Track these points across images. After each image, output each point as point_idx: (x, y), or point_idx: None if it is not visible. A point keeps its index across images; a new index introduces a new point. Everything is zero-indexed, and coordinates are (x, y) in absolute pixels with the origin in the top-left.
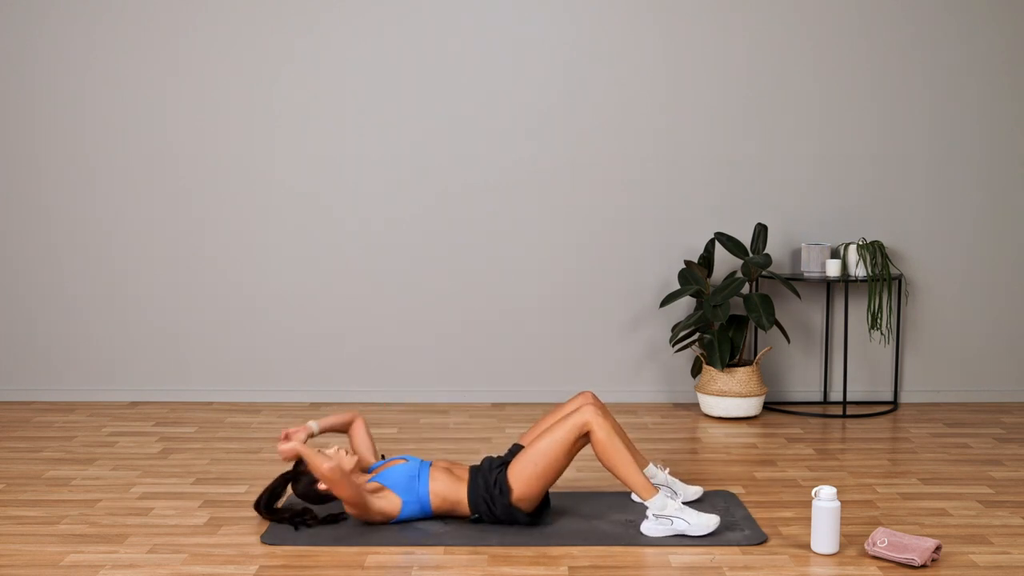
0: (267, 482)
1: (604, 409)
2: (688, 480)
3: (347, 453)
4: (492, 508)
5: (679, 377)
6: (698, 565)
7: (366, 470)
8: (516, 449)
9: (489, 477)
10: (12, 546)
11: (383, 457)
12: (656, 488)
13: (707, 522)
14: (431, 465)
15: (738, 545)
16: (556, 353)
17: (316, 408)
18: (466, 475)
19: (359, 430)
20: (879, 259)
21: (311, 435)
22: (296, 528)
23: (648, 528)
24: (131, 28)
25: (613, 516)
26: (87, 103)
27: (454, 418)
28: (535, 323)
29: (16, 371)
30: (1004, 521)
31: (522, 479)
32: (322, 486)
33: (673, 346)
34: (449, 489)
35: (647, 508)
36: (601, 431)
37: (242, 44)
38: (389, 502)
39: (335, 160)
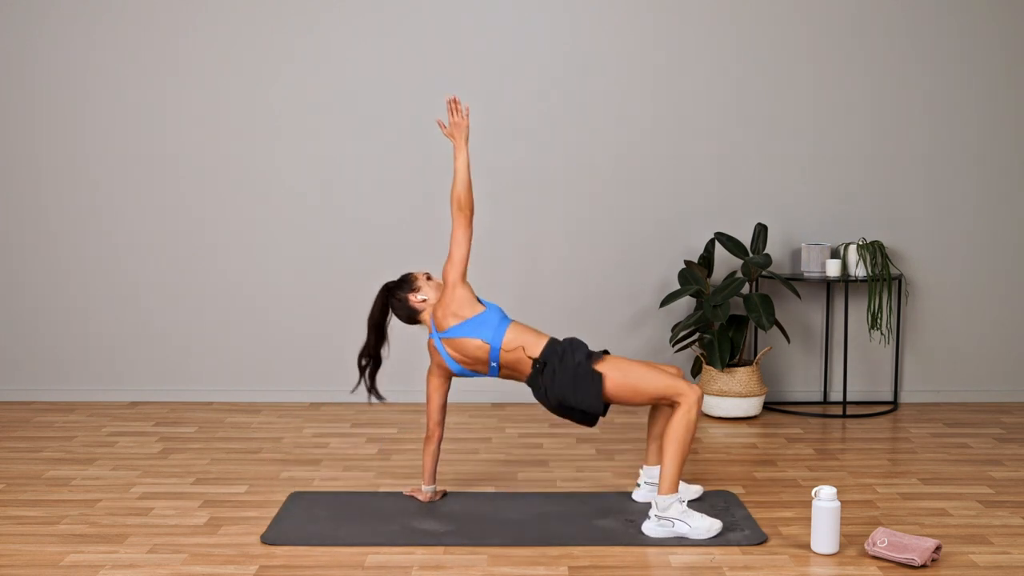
0: (266, 482)
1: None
2: (688, 480)
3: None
4: (559, 373)
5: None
6: (698, 565)
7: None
8: (587, 349)
9: (575, 348)
10: (12, 546)
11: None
12: (677, 490)
13: (709, 526)
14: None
15: (738, 545)
16: None
17: (316, 408)
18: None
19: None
20: (879, 259)
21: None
22: (369, 388)
23: (649, 528)
24: (131, 28)
25: (613, 516)
26: (87, 103)
27: (454, 418)
28: (535, 323)
29: (16, 371)
30: (1004, 521)
31: (609, 374)
32: (419, 297)
33: (673, 346)
34: (530, 343)
35: (651, 507)
36: (690, 413)
37: (242, 45)
38: (472, 311)
39: (335, 160)
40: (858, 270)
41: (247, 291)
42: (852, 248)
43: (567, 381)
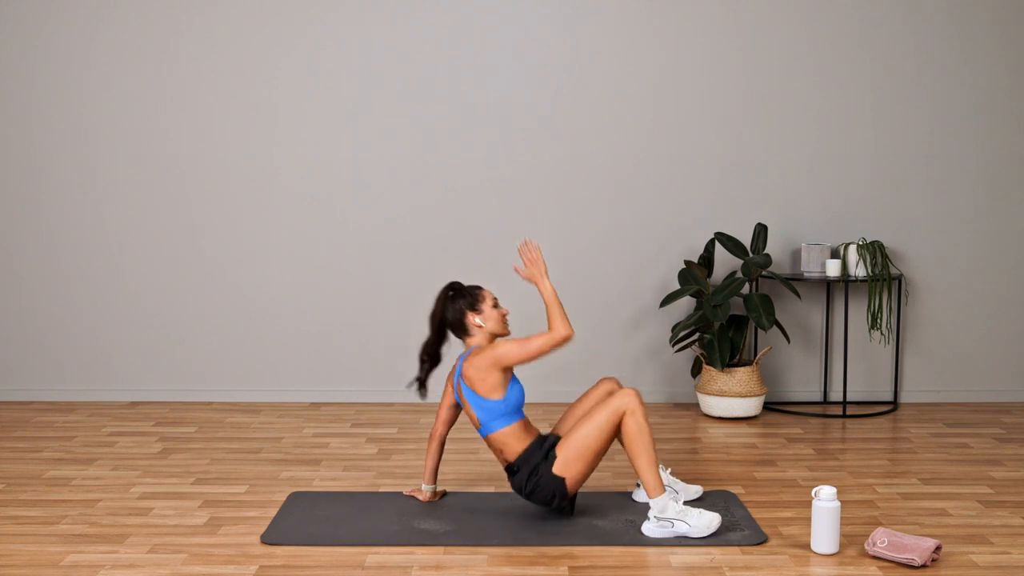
0: (266, 482)
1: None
2: (688, 480)
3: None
4: (534, 477)
5: (679, 377)
6: (698, 565)
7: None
8: (555, 440)
9: (547, 448)
10: (12, 546)
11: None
12: (664, 490)
13: (708, 523)
14: (525, 416)
15: (738, 545)
16: (556, 353)
17: (316, 408)
18: (533, 436)
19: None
20: (879, 259)
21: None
22: (420, 384)
23: (649, 529)
24: (131, 28)
25: (613, 516)
26: (87, 104)
27: None
28: (535, 324)
29: (16, 371)
30: (1004, 521)
31: (565, 460)
32: (477, 321)
33: (673, 346)
34: (516, 442)
35: (649, 509)
36: (636, 417)
37: (242, 44)
38: (502, 380)
39: (335, 160)
40: (858, 270)
41: (247, 291)
42: (852, 248)
43: (531, 492)
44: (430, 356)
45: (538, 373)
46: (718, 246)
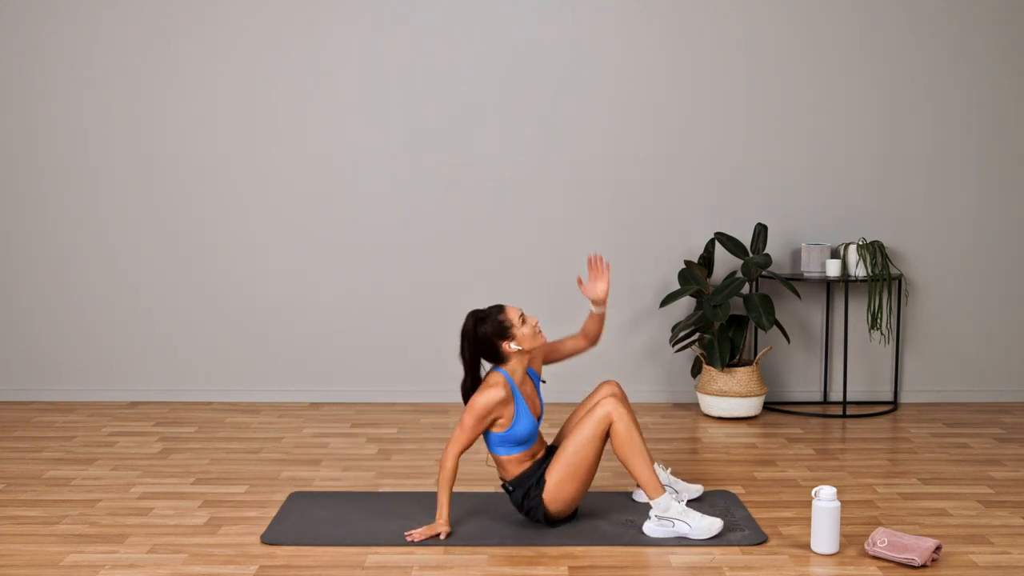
0: (266, 482)
1: (625, 400)
2: (688, 480)
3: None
4: (527, 498)
5: (679, 377)
6: (698, 565)
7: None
8: (554, 450)
9: (540, 471)
10: (12, 546)
11: (543, 381)
12: (664, 488)
13: (709, 525)
14: (536, 440)
15: (738, 545)
16: None
17: (316, 408)
18: (534, 460)
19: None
20: (879, 259)
21: None
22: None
23: (649, 529)
24: (132, 27)
25: (613, 516)
26: (87, 103)
27: (454, 418)
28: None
29: (16, 371)
30: (1004, 521)
31: (556, 483)
32: (513, 346)
33: (673, 346)
34: (518, 466)
35: (650, 508)
36: (621, 422)
37: (243, 44)
38: (506, 418)
39: (335, 160)
40: (858, 270)
41: (247, 291)
42: (852, 248)
43: (527, 512)
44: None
45: None
46: (718, 246)
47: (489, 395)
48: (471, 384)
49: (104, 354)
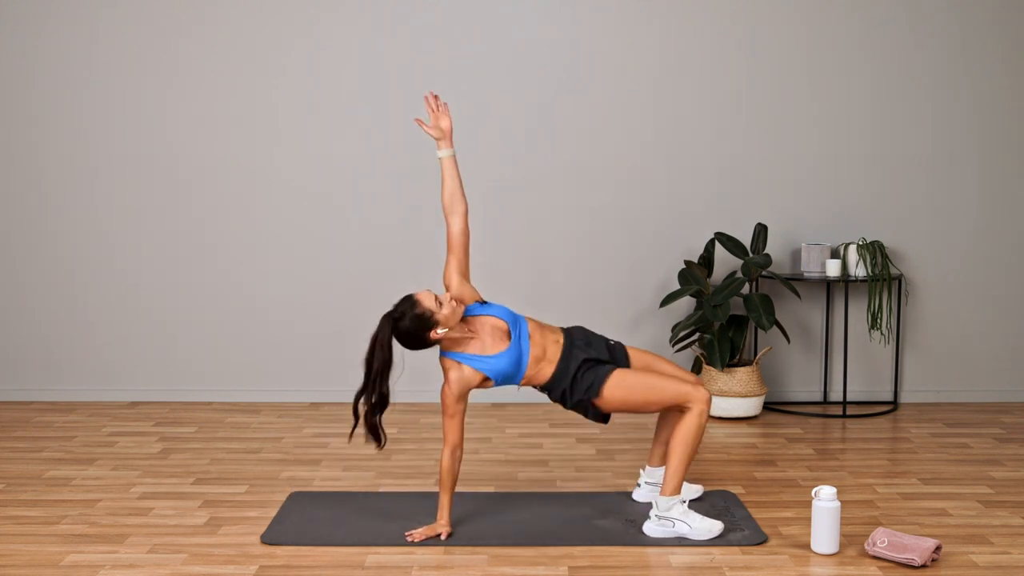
0: (266, 482)
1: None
2: (688, 480)
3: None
4: (569, 396)
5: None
6: (698, 565)
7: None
8: (615, 348)
9: (584, 370)
10: (12, 546)
11: (484, 303)
12: (680, 493)
13: (710, 527)
14: (527, 322)
15: (738, 545)
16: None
17: (316, 408)
18: (557, 354)
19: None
20: (879, 259)
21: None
22: (371, 434)
23: (650, 529)
24: (132, 27)
25: (613, 516)
26: (87, 102)
27: None
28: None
29: (16, 371)
30: (1004, 521)
31: (617, 395)
32: (440, 332)
33: (673, 346)
34: (538, 375)
35: (651, 508)
36: (701, 417)
37: (243, 44)
38: (480, 381)
39: (336, 160)
40: (858, 270)
41: (247, 291)
42: (852, 248)
43: (573, 406)
44: (379, 400)
45: None
46: (718, 246)
47: (446, 386)
48: (368, 393)
49: (104, 354)
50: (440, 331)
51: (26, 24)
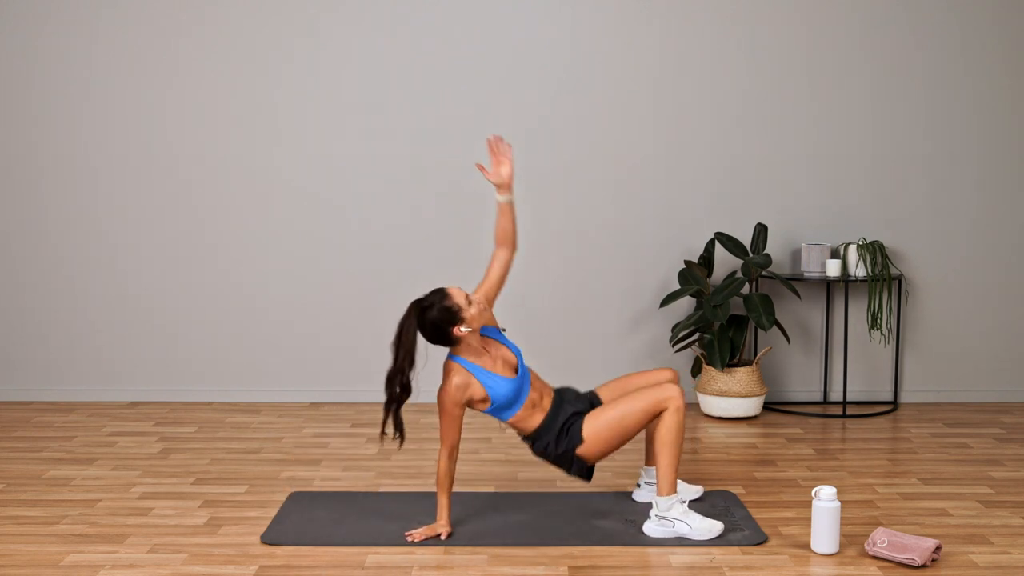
0: (266, 482)
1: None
2: (688, 480)
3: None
4: (554, 448)
5: (679, 377)
6: (698, 565)
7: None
8: (593, 397)
9: (564, 419)
10: (12, 546)
11: (503, 330)
12: (676, 491)
13: (710, 528)
14: (529, 390)
15: (738, 545)
16: (556, 353)
17: (316, 408)
18: (548, 405)
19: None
20: (879, 259)
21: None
22: (393, 425)
23: (650, 529)
24: (132, 27)
25: (613, 516)
26: (87, 102)
27: None
28: (536, 323)
29: (16, 371)
30: (1004, 521)
31: (596, 437)
32: (463, 330)
33: (673, 346)
34: (528, 420)
35: (651, 508)
36: (677, 415)
37: (243, 44)
38: (480, 396)
39: (336, 160)
40: (858, 270)
41: (247, 291)
42: (852, 248)
43: (553, 461)
44: (403, 388)
45: (538, 373)
46: (718, 246)
47: (448, 387)
48: (395, 380)
49: (104, 354)
50: (464, 328)
51: (26, 24)
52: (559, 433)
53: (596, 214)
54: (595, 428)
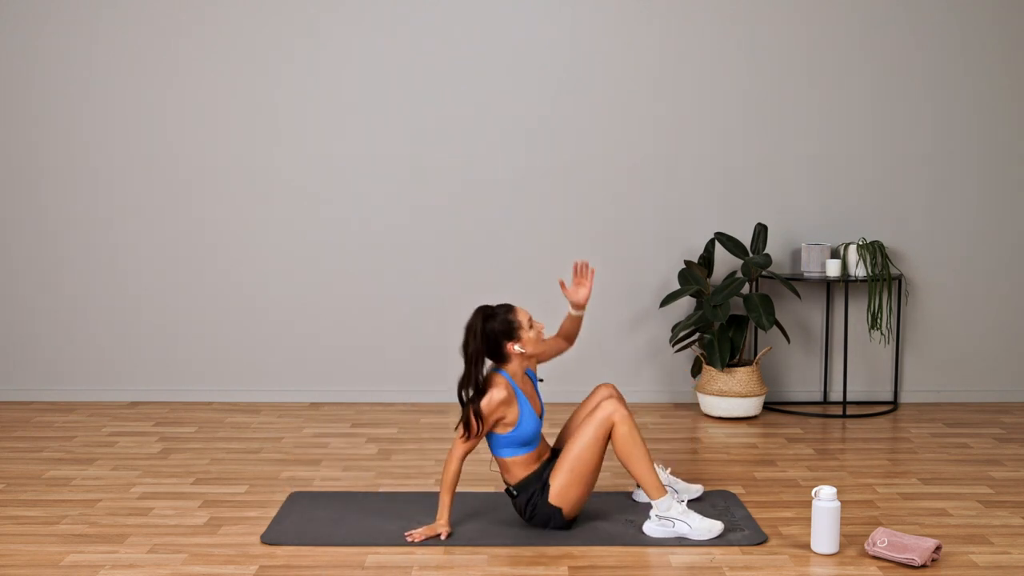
0: (266, 482)
1: (623, 402)
2: (688, 480)
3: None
4: (539, 500)
5: (679, 377)
6: (698, 565)
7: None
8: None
9: (547, 475)
10: (12, 546)
11: (541, 380)
12: (665, 490)
13: (710, 527)
14: (538, 444)
15: (738, 545)
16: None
17: (316, 408)
18: (543, 461)
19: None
20: (879, 259)
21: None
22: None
23: (650, 529)
24: (132, 27)
25: (613, 516)
26: (87, 102)
27: (454, 418)
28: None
29: (16, 371)
30: (1004, 521)
31: (560, 483)
32: (517, 348)
33: (673, 346)
34: (525, 468)
35: (651, 508)
36: (624, 424)
37: (243, 45)
38: (510, 419)
39: (336, 161)
40: (858, 270)
41: (247, 291)
42: (852, 248)
43: (529, 518)
44: (476, 389)
45: (538, 373)
46: (718, 246)
47: (492, 396)
48: (469, 381)
49: (104, 354)
50: (518, 348)
51: (26, 24)
52: (544, 485)
53: (596, 214)
54: (558, 475)
